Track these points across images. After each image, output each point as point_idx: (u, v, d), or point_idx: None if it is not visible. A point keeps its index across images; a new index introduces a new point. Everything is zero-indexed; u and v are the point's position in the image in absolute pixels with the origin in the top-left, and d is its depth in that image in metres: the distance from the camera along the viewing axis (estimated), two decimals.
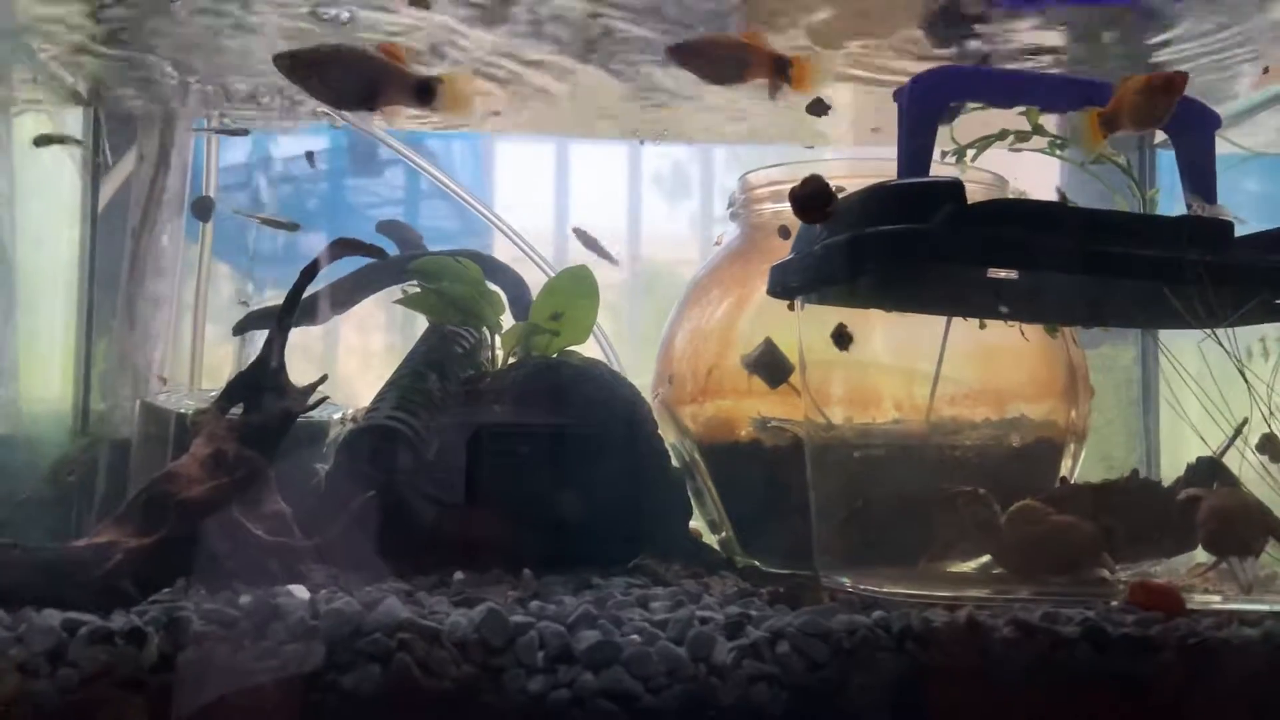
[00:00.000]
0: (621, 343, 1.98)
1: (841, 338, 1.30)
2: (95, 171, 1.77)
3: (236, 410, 1.29)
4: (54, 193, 1.77)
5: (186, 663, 0.97)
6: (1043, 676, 1.06)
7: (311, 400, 1.28)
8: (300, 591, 1.06)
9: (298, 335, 1.36)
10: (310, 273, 1.29)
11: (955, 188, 1.20)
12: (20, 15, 1.45)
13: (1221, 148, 1.50)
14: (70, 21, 1.46)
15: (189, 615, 1.00)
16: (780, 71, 1.39)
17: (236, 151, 1.87)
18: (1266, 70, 1.63)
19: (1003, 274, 1.37)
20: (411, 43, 1.45)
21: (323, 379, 1.30)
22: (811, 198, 1.16)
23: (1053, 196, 1.54)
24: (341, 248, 1.33)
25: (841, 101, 1.77)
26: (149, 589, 1.09)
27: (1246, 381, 1.33)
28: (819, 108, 1.45)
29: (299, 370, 1.30)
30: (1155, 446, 1.74)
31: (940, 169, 1.48)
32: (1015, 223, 1.22)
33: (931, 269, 1.29)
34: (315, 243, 1.86)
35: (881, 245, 1.20)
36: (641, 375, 1.64)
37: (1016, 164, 1.55)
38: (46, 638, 0.98)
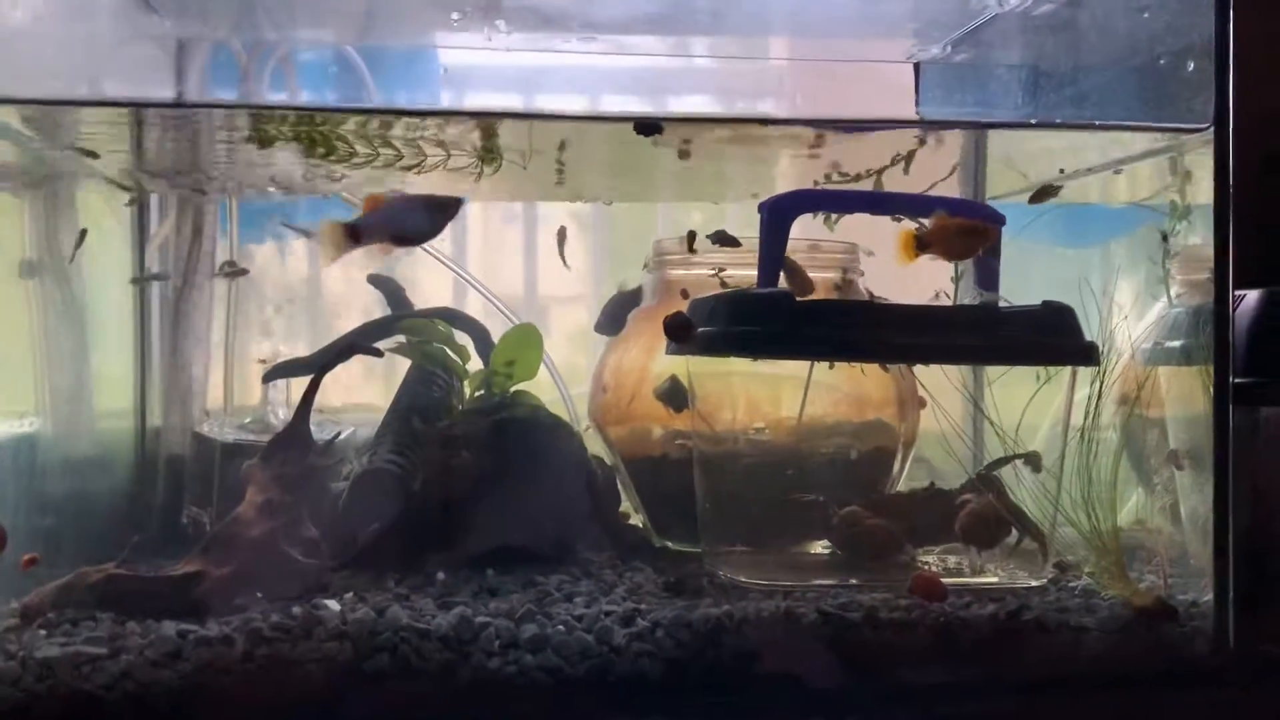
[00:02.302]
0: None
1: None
2: (141, 239, 2.23)
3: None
4: (109, 257, 2.22)
5: (261, 657, 1.47)
6: (836, 649, 1.56)
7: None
8: (333, 604, 1.56)
9: None
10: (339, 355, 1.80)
11: (786, 298, 1.68)
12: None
13: None
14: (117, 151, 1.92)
15: (260, 624, 1.51)
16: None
17: None
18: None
19: None
20: None
21: (336, 435, 1.80)
22: (676, 328, 1.64)
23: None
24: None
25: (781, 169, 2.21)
26: (228, 604, 1.58)
27: (987, 417, 1.83)
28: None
29: None
30: (982, 439, 2.22)
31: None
32: (828, 320, 1.70)
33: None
34: None
35: (733, 342, 1.68)
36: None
37: None
38: (169, 642, 1.47)
